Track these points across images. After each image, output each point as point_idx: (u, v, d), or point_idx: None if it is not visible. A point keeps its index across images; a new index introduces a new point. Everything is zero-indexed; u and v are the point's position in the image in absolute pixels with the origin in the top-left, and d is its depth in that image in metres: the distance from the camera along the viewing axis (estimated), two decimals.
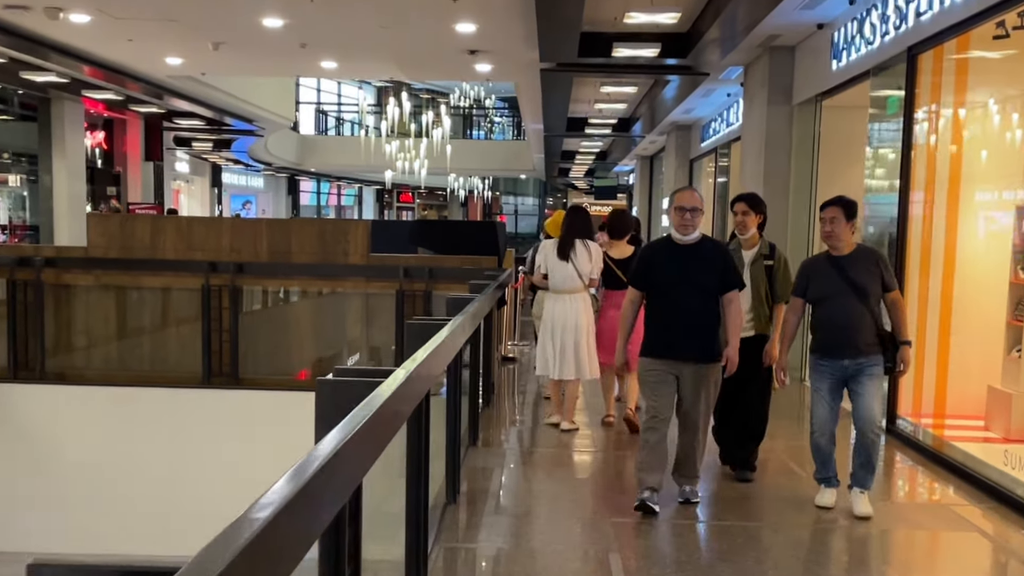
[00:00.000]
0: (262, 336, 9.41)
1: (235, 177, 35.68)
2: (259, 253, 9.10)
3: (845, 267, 5.16)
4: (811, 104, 10.21)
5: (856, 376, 5.14)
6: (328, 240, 9.02)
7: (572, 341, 7.05)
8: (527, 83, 13.52)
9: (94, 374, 9.33)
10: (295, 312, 9.70)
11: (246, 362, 9.11)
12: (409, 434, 3.52)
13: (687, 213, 5.19)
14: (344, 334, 9.64)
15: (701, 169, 18.18)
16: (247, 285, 9.14)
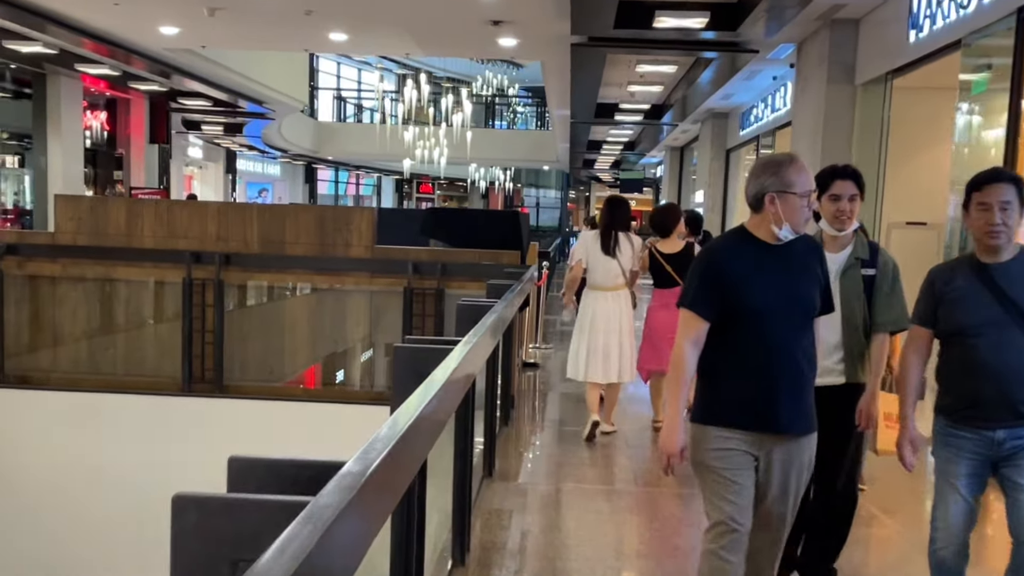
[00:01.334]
0: (251, 338, 8.32)
1: (250, 164, 34.74)
2: (249, 243, 7.99)
3: (1002, 281, 3.23)
4: (879, 84, 9.00)
5: (1014, 458, 3.25)
6: (328, 229, 7.91)
7: (616, 342, 6.57)
8: (555, 62, 12.34)
9: (60, 378, 8.26)
10: (289, 311, 8.57)
11: (232, 367, 8.03)
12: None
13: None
14: (344, 336, 8.52)
15: (739, 160, 16.96)
16: (235, 279, 8.06)
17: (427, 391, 2.39)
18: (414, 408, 2.14)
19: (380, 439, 1.78)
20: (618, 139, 23.28)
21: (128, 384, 8.12)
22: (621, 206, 6.79)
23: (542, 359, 10.89)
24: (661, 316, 6.69)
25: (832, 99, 9.56)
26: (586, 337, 6.65)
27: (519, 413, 7.75)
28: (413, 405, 2.18)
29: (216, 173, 31.20)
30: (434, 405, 2.33)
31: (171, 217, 8.10)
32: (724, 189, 17.38)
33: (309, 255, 7.91)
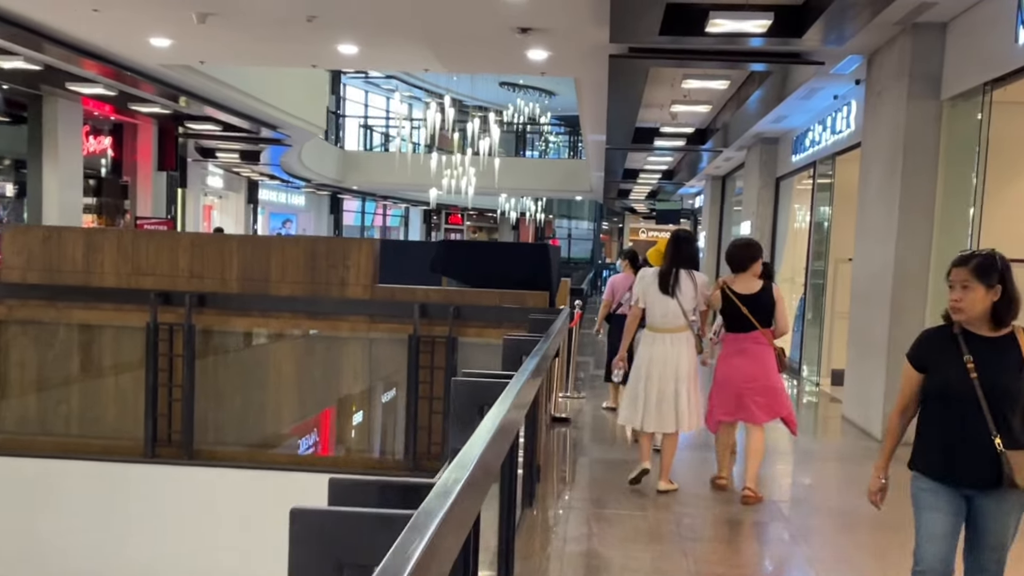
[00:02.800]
0: (227, 395, 7.04)
1: (273, 194, 33.87)
2: (227, 281, 6.73)
3: None
4: (973, 97, 7.64)
5: None
6: (320, 265, 6.63)
7: (672, 389, 6.16)
8: (591, 77, 11.07)
9: (4, 440, 7.02)
10: (272, 362, 7.25)
11: (204, 429, 6.77)
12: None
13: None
14: (336, 393, 7.22)
15: (790, 189, 15.56)
16: (209, 324, 6.81)
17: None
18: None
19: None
20: (656, 167, 21.92)
21: (82, 448, 6.86)
22: (686, 242, 6.40)
23: (574, 413, 9.55)
24: (735, 364, 6.22)
25: (913, 116, 8.21)
26: (642, 383, 6.23)
27: (545, 489, 6.40)
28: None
29: (237, 203, 30.38)
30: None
31: (136, 250, 6.85)
32: (774, 220, 15.98)
33: (298, 295, 6.64)
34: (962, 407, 3.49)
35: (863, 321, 9.21)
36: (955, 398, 3.52)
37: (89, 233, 7.17)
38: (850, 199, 11.74)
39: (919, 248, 8.22)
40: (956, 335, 3.62)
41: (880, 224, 8.78)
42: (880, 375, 8.48)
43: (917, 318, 8.24)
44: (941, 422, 3.60)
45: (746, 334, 6.18)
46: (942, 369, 3.61)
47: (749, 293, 6.21)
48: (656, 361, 6.19)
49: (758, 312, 6.17)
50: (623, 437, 8.63)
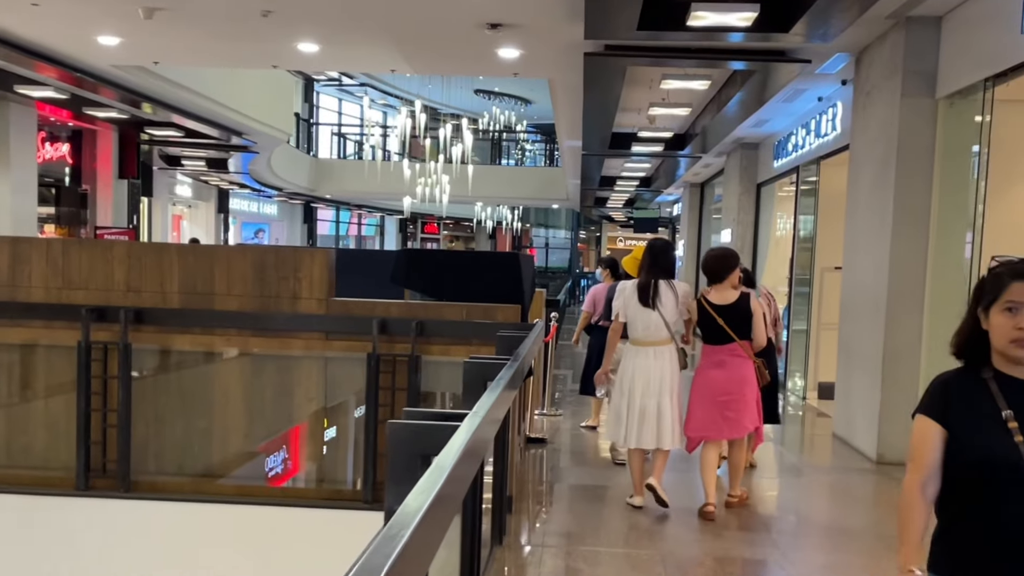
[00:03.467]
0: (167, 420, 6.44)
1: (244, 203, 33.26)
2: (167, 295, 6.14)
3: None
4: (972, 95, 7.17)
5: None
6: (269, 277, 6.04)
7: (655, 404, 5.97)
8: (566, 79, 10.56)
9: None
10: (217, 384, 6.63)
11: (143, 458, 6.17)
12: None
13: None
14: (290, 417, 6.62)
15: (771, 196, 15.10)
16: (147, 342, 6.22)
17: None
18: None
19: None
20: (633, 174, 21.47)
21: (8, 479, 6.24)
22: (663, 252, 6.20)
23: (551, 432, 9.00)
24: (713, 376, 6.03)
25: (907, 116, 7.74)
26: (625, 398, 6.04)
27: (518, 520, 5.85)
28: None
29: (208, 213, 29.84)
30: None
31: (67, 262, 6.24)
32: (755, 227, 15.52)
33: (245, 310, 6.06)
34: (1011, 488, 2.36)
35: (854, 334, 8.72)
36: (999, 474, 2.37)
37: (15, 242, 6.54)
38: (836, 205, 11.27)
39: (914, 255, 7.74)
40: (985, 380, 2.50)
41: (872, 230, 8.30)
42: (874, 392, 7.99)
43: (913, 330, 7.76)
44: (981, 512, 2.41)
45: (722, 346, 6.01)
46: (975, 431, 2.45)
47: (725, 304, 6.03)
48: (639, 375, 6.01)
49: (735, 323, 5.99)
50: (605, 458, 8.10)
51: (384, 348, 5.98)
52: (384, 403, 5.96)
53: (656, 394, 5.99)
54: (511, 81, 32.20)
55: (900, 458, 7.77)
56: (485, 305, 6.05)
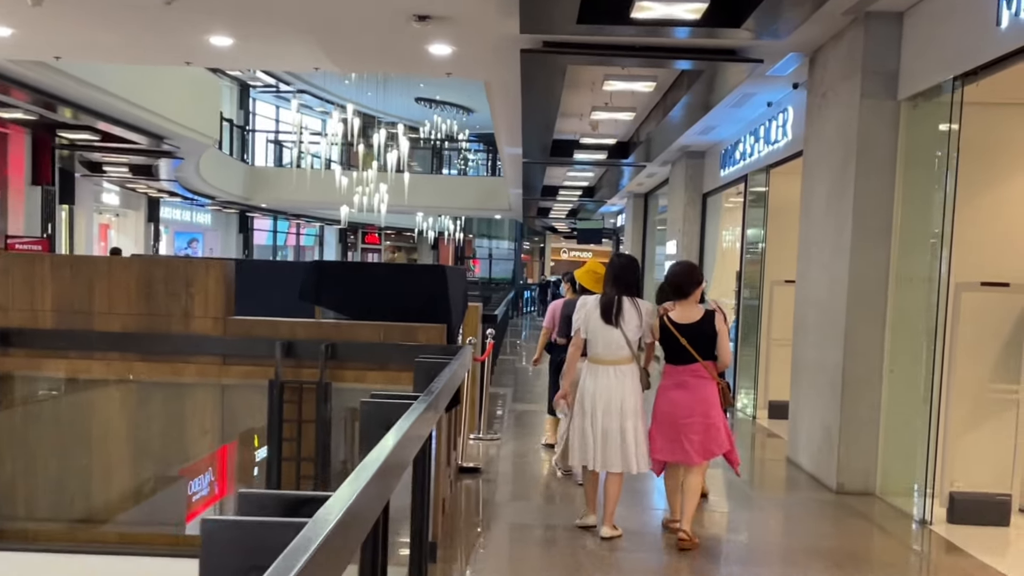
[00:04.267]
0: (39, 457, 5.60)
1: (176, 212, 32.24)
2: (39, 313, 5.31)
3: None
4: (938, 95, 6.63)
5: None
6: (157, 292, 5.25)
7: (617, 426, 5.70)
8: (503, 79, 9.89)
9: None
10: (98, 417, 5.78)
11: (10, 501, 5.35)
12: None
13: None
14: (182, 454, 5.80)
15: (718, 206, 14.58)
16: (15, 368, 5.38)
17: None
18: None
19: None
20: (576, 184, 20.91)
21: None
22: (627, 267, 5.93)
23: (486, 460, 8.30)
24: (674, 398, 5.75)
25: (867, 120, 7.19)
26: (587, 418, 5.75)
27: (444, 572, 5.12)
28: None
29: (137, 222, 28.80)
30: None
31: None
32: (701, 239, 14.99)
33: (130, 331, 5.28)
34: None
35: (809, 352, 8.15)
36: None
37: None
38: (786, 215, 10.74)
39: (875, 269, 7.18)
40: None
41: (829, 242, 7.74)
42: (832, 416, 7.41)
43: (874, 350, 7.20)
44: None
45: (685, 366, 5.72)
46: None
47: (689, 322, 5.73)
48: (600, 395, 5.74)
49: (699, 343, 5.70)
50: (548, 490, 7.43)
51: (289, 374, 5.23)
52: (289, 437, 5.21)
53: (618, 415, 5.72)
54: (452, 89, 31.54)
55: (862, 487, 7.20)
56: (405, 325, 5.32)
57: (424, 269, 6.45)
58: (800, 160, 9.29)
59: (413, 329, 5.33)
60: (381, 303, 5.55)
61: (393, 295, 5.56)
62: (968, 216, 6.56)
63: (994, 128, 6.74)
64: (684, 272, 5.94)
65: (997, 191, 6.89)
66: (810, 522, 6.65)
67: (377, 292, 5.57)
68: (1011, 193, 6.89)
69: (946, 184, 6.38)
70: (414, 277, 5.67)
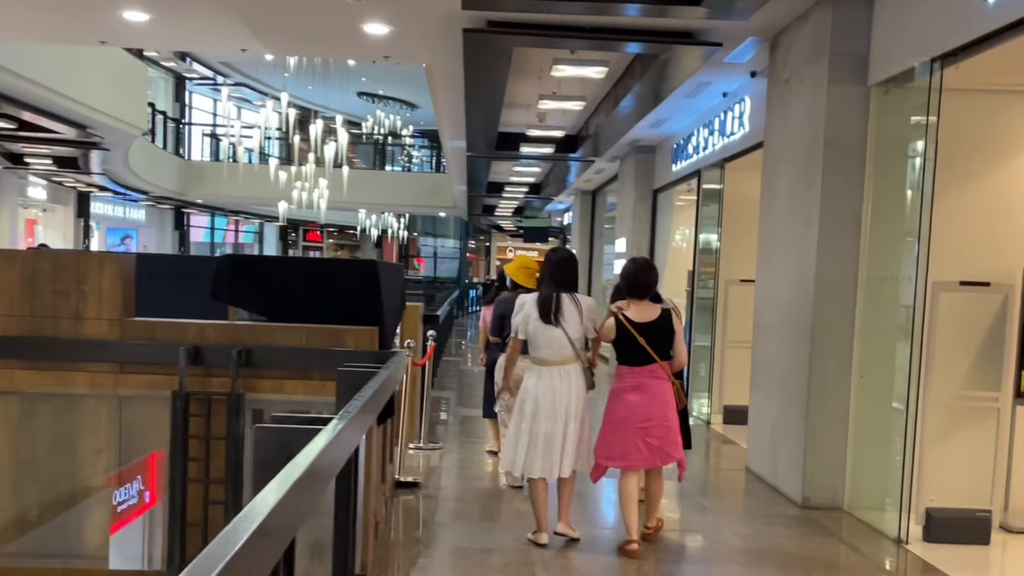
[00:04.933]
0: None
1: (108, 207, 31.08)
2: None
3: None
4: (911, 80, 6.15)
5: None
6: (43, 290, 4.54)
7: (561, 429, 5.48)
8: (443, 63, 9.26)
9: None
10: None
11: None
12: None
13: None
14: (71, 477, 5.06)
15: (669, 203, 14.11)
16: None
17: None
18: None
19: None
20: (522, 180, 20.34)
21: None
22: (566, 264, 5.67)
23: (426, 471, 7.69)
24: (632, 401, 5.46)
25: (835, 107, 6.70)
26: (527, 422, 5.50)
27: None
28: None
29: (66, 217, 27.74)
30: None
31: None
32: (651, 237, 14.50)
33: (10, 335, 4.56)
34: None
35: (771, 357, 7.65)
36: None
37: None
38: (743, 211, 10.28)
39: (844, 266, 6.70)
40: None
41: (792, 240, 7.25)
42: (797, 425, 6.91)
43: (843, 351, 6.71)
44: None
45: (643, 367, 5.47)
46: None
47: (647, 321, 5.49)
48: (544, 397, 5.49)
49: (656, 342, 5.48)
50: (494, 504, 6.84)
51: (196, 384, 4.57)
52: (196, 457, 4.55)
53: (563, 418, 5.49)
54: (396, 84, 30.78)
55: (830, 502, 6.71)
56: (331, 328, 4.68)
57: (354, 265, 5.79)
58: (758, 153, 8.83)
59: (340, 332, 4.69)
60: (304, 302, 4.90)
61: (318, 293, 4.92)
62: (943, 211, 6.09)
63: (970, 116, 6.28)
64: (643, 269, 5.68)
65: (975, 184, 6.43)
66: (774, 540, 6.13)
67: (300, 290, 4.92)
68: (988, 187, 6.43)
69: (923, 176, 5.91)
70: (342, 273, 5.01)
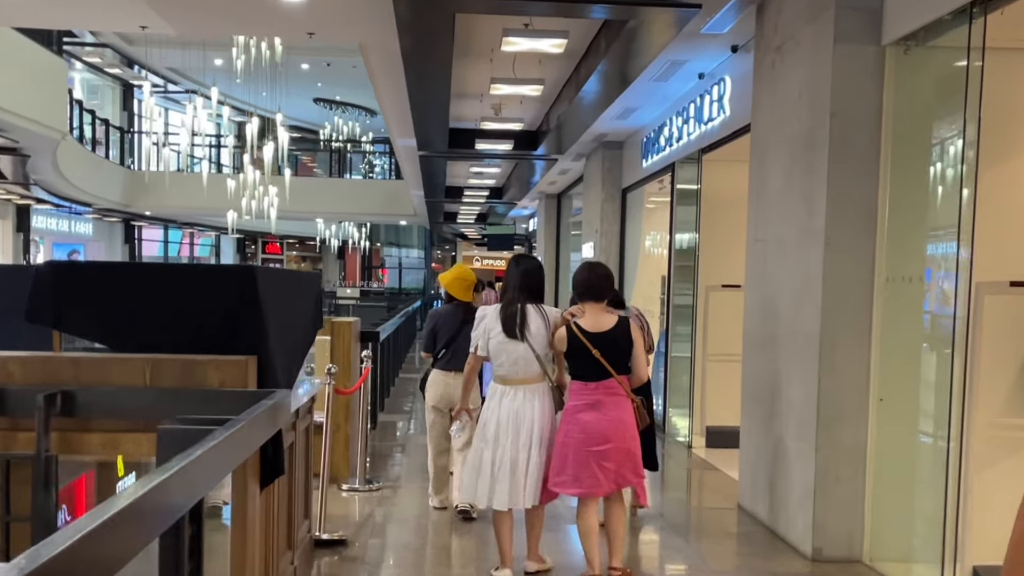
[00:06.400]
0: None
1: (52, 221, 29.61)
2: None
3: None
4: (940, 34, 4.97)
5: None
6: None
7: (525, 456, 4.91)
8: (378, 41, 8.00)
9: None
10: None
11: None
12: None
13: None
14: None
15: (639, 203, 12.91)
16: None
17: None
18: None
19: None
20: (482, 183, 19.11)
21: None
22: (528, 266, 5.19)
23: (360, 522, 6.39)
24: (586, 420, 4.88)
25: (842, 73, 5.51)
26: (489, 448, 4.99)
27: None
28: None
29: (3, 232, 26.21)
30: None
31: None
32: (621, 239, 13.28)
33: None
34: None
35: (767, 373, 6.43)
36: None
37: None
38: (724, 207, 9.12)
39: (858, 262, 5.49)
40: None
41: (791, 236, 6.04)
42: (803, 456, 5.69)
43: (858, 369, 5.50)
44: None
45: (598, 383, 4.89)
46: None
47: (601, 331, 4.92)
48: (507, 421, 4.97)
49: (612, 355, 4.90)
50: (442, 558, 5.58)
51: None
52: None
53: (527, 443, 4.95)
54: (353, 88, 29.48)
55: (847, 553, 5.48)
56: (186, 359, 3.40)
57: (223, 272, 4.39)
58: (742, 141, 7.71)
59: (199, 365, 3.40)
60: (158, 325, 3.60)
61: (178, 312, 3.62)
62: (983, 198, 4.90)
63: (1016, 80, 5.10)
64: (602, 274, 5.08)
65: (1015, 163, 5.25)
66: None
67: (150, 307, 3.61)
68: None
69: (963, 153, 4.71)
70: (208, 284, 3.71)
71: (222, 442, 2.35)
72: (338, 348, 7.30)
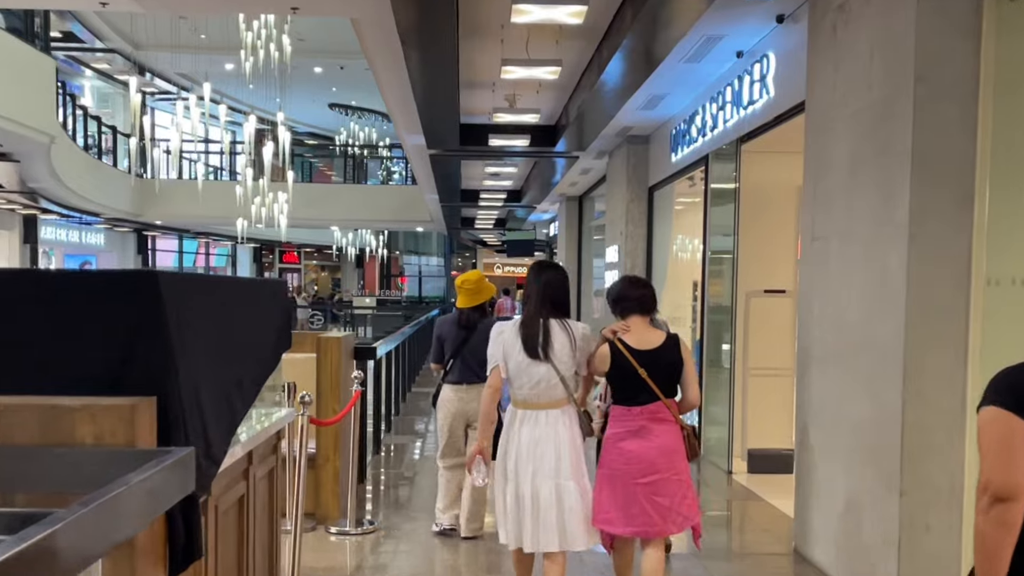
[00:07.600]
0: None
1: (63, 232, 29.03)
2: None
3: None
4: None
5: None
6: None
7: (551, 488, 4.29)
8: (372, 16, 7.00)
9: None
10: None
11: None
12: None
13: None
14: None
15: (667, 202, 11.85)
16: None
17: None
18: None
19: None
20: (499, 185, 18.12)
21: None
22: (556, 284, 4.48)
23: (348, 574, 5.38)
24: (631, 450, 4.31)
25: (928, 27, 4.46)
26: (512, 482, 4.35)
27: None
28: None
29: (11, 243, 25.62)
30: None
31: None
32: (648, 243, 12.22)
33: None
34: None
35: (831, 396, 5.37)
36: None
37: None
38: (767, 203, 8.09)
39: (951, 261, 4.43)
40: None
41: (862, 229, 4.99)
42: (883, 500, 4.62)
43: (951, 392, 4.43)
44: None
45: (643, 407, 4.36)
46: None
47: (649, 348, 4.39)
48: (527, 450, 4.38)
49: (661, 376, 4.37)
50: None
51: None
52: None
53: (553, 473, 4.34)
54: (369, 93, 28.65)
55: None
56: (48, 404, 2.41)
57: (109, 280, 3.29)
58: (789, 126, 6.73)
59: (65, 413, 2.39)
60: (21, 353, 2.61)
61: (34, 335, 2.62)
62: None
63: None
64: (632, 287, 4.60)
65: None
66: None
67: (14, 329, 2.63)
68: None
69: None
70: (85, 297, 2.70)
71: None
72: (325, 368, 6.30)
